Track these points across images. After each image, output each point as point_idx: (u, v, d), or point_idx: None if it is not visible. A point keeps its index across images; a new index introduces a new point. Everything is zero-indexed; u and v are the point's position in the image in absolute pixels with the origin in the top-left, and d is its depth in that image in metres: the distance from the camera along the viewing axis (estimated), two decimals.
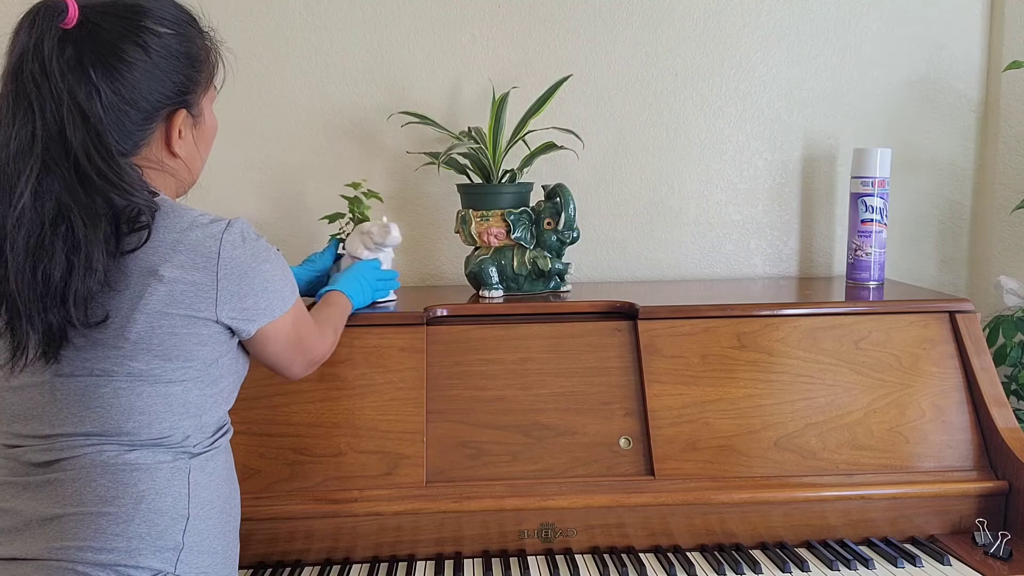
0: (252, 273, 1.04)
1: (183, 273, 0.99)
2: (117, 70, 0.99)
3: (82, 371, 1.00)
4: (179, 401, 1.03)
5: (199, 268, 1.00)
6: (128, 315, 0.98)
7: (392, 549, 1.37)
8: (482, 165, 1.69)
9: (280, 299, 1.10)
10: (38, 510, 1.00)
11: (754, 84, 1.92)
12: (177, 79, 1.05)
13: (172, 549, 1.01)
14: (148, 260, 0.98)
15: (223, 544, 1.09)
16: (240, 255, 1.03)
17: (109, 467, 1.00)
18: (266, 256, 1.07)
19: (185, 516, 1.03)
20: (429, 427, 1.42)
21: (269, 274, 1.07)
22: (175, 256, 0.99)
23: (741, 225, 1.96)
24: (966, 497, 1.41)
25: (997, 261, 1.92)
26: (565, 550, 1.37)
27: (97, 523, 0.98)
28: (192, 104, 1.09)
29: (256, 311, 1.07)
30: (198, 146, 1.13)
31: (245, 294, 1.04)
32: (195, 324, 1.01)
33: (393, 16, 1.86)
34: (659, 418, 1.43)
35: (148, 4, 1.04)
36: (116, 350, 0.99)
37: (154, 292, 0.98)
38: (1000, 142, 1.91)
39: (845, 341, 1.50)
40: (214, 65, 1.14)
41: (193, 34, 1.09)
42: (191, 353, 1.02)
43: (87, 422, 1.00)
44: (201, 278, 1.00)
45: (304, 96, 1.87)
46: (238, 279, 1.03)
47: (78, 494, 0.99)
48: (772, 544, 1.39)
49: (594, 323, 1.52)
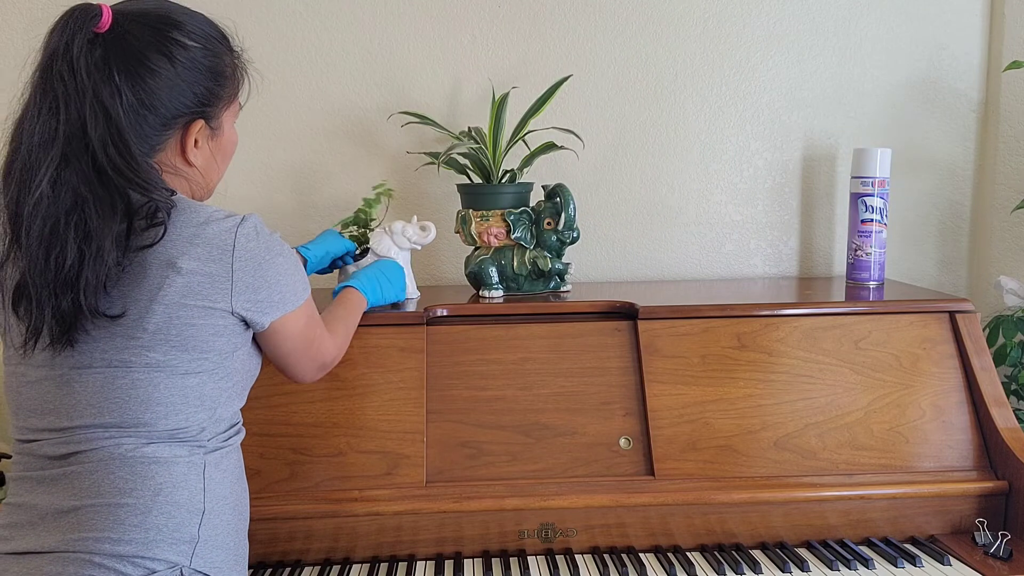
0: (266, 265, 1.07)
1: (200, 265, 1.02)
2: (140, 75, 1.04)
3: (100, 362, 1.02)
4: (195, 393, 1.06)
5: (215, 260, 1.03)
6: (147, 306, 1.01)
7: (392, 549, 1.37)
8: (482, 165, 1.69)
9: (293, 293, 1.13)
10: (54, 503, 1.01)
11: (754, 84, 1.92)
12: (199, 90, 1.09)
13: (188, 542, 1.03)
14: (166, 253, 1.01)
15: (235, 541, 1.10)
16: (254, 247, 1.06)
17: (127, 460, 1.02)
18: (279, 250, 1.10)
19: (201, 510, 1.05)
20: (429, 427, 1.42)
21: (282, 267, 1.10)
22: (192, 249, 1.02)
23: (741, 225, 1.96)
24: (966, 497, 1.41)
25: (997, 261, 1.93)
26: (565, 550, 1.37)
27: (115, 514, 1.00)
28: (212, 116, 1.12)
29: (270, 303, 1.09)
30: (215, 157, 1.16)
31: (259, 286, 1.07)
32: (211, 315, 1.04)
33: (393, 16, 1.86)
34: (659, 418, 1.43)
35: (180, 18, 1.09)
36: (134, 340, 1.01)
37: (172, 283, 1.01)
38: (1000, 142, 1.91)
39: (845, 341, 1.50)
40: (239, 82, 1.18)
41: (221, 51, 1.13)
42: (207, 344, 1.05)
43: (105, 413, 1.02)
44: (217, 269, 1.03)
45: (304, 96, 1.87)
46: (252, 270, 1.06)
47: (96, 486, 1.01)
48: (772, 544, 1.39)
49: (594, 323, 1.52)
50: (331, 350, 1.26)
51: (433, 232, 1.60)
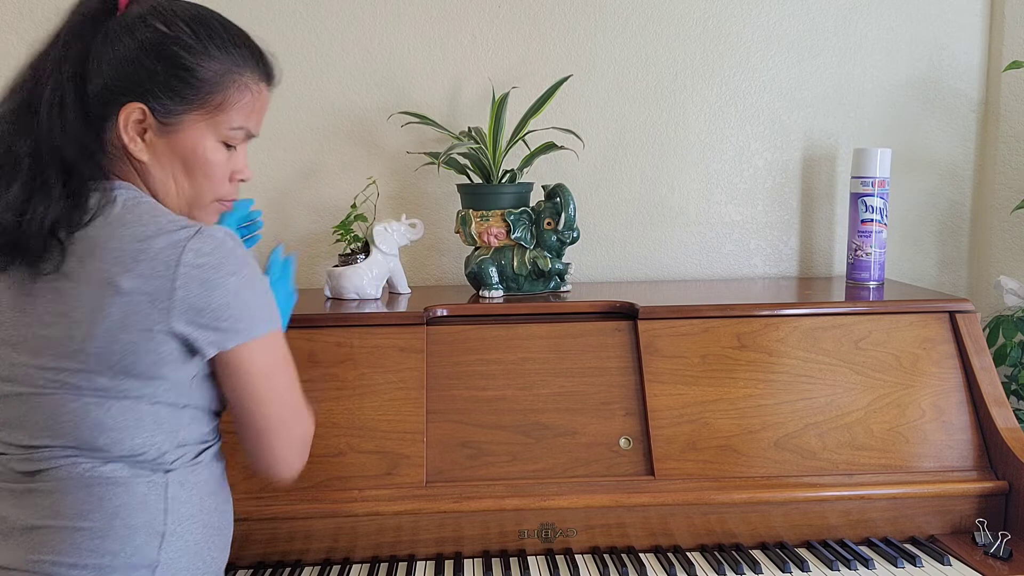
0: (214, 283, 0.97)
1: (141, 283, 0.95)
2: (109, 44, 1.02)
3: (52, 384, 0.98)
4: (151, 419, 1.00)
5: (158, 276, 0.95)
6: (89, 330, 0.96)
7: (392, 549, 1.37)
8: (482, 165, 1.69)
9: (248, 320, 1.01)
10: (20, 518, 0.99)
11: (754, 84, 1.92)
12: (145, 71, 1.01)
13: (147, 567, 0.99)
14: (108, 271, 0.96)
15: (204, 560, 1.05)
16: (204, 263, 0.97)
17: (84, 480, 0.98)
18: (235, 269, 0.99)
19: (161, 532, 1.00)
20: (429, 427, 1.42)
21: (236, 287, 0.99)
22: (136, 266, 0.95)
23: (741, 225, 1.96)
24: (966, 497, 1.41)
25: (997, 261, 1.93)
26: (565, 550, 1.37)
27: (72, 538, 0.97)
28: (160, 109, 1.02)
29: (216, 329, 0.98)
30: (173, 163, 1.06)
31: (203, 307, 0.97)
32: (152, 340, 0.96)
33: (393, 16, 1.86)
34: (659, 418, 1.43)
35: (189, 10, 1.06)
36: (81, 364, 0.97)
37: (112, 305, 0.95)
38: (1000, 142, 1.91)
39: (845, 341, 1.50)
40: (225, 98, 1.06)
41: (206, 50, 1.04)
42: (154, 371, 0.98)
43: (60, 436, 0.99)
44: (158, 286, 0.95)
45: (304, 96, 1.87)
46: (198, 288, 0.96)
47: (55, 506, 0.98)
48: (772, 544, 1.39)
49: (594, 323, 1.52)
50: (308, 417, 1.12)
51: (422, 229, 1.69)
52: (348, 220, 1.69)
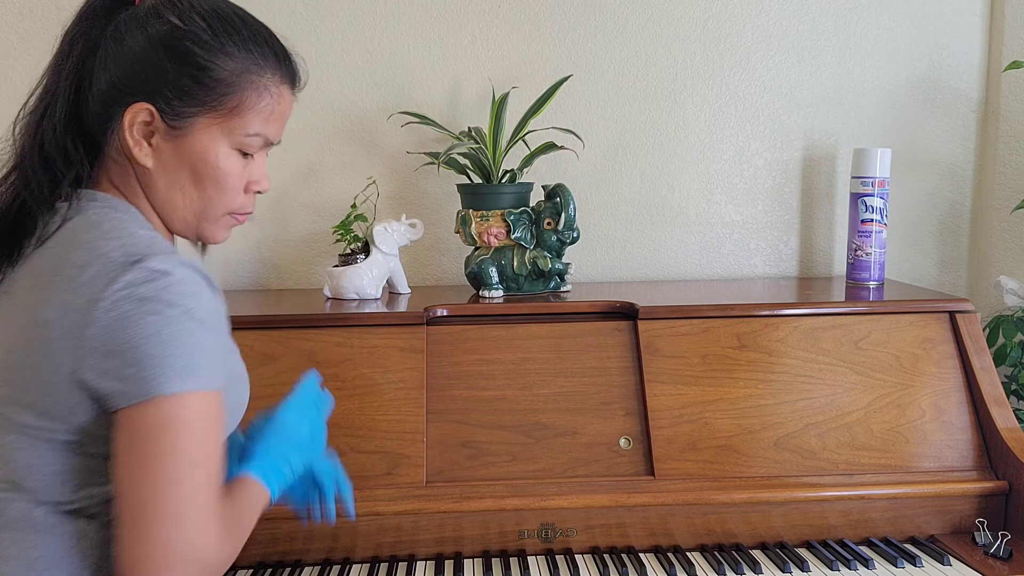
0: (129, 321, 0.82)
1: (60, 316, 0.84)
2: (117, 40, 0.95)
3: None
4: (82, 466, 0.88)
5: (75, 310, 0.83)
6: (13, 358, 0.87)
7: (392, 549, 1.37)
8: (482, 165, 1.69)
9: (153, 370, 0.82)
10: None
11: (754, 84, 1.92)
12: (154, 68, 0.93)
13: None
14: (37, 296, 0.87)
15: None
16: (127, 295, 0.82)
17: (13, 523, 0.88)
18: (161, 307, 0.83)
19: None
20: (429, 427, 1.42)
21: (153, 328, 0.82)
22: (61, 295, 0.85)
23: (741, 225, 1.96)
24: (966, 497, 1.41)
25: (997, 261, 1.93)
26: (565, 550, 1.37)
27: None
28: (169, 111, 0.94)
29: (119, 378, 0.82)
30: (180, 171, 0.96)
31: (110, 350, 0.82)
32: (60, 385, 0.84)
33: (393, 16, 1.86)
34: (659, 418, 1.43)
35: (206, 4, 0.97)
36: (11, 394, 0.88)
37: (32, 337, 0.85)
38: (1000, 142, 1.91)
39: (845, 341, 1.50)
40: (241, 100, 0.97)
41: (222, 48, 0.96)
42: (72, 420, 0.86)
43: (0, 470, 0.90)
44: (73, 322, 0.83)
45: (304, 96, 1.86)
46: (113, 328, 0.82)
47: None
48: (772, 544, 1.39)
49: (594, 323, 1.52)
50: (212, 539, 0.85)
51: (422, 229, 1.69)
52: (348, 220, 1.69)
